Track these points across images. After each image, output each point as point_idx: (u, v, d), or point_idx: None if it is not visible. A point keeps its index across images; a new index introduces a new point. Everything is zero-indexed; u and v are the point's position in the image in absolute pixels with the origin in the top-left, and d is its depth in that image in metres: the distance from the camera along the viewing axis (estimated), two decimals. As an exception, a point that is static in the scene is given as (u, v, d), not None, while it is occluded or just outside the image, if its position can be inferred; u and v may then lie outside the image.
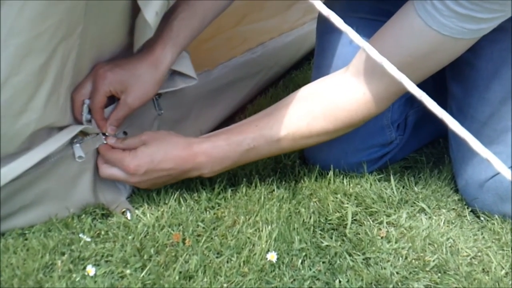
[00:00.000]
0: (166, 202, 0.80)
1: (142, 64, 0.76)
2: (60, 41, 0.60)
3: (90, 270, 0.67)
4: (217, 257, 0.71)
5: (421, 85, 0.43)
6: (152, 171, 0.77)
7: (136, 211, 0.79)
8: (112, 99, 0.78)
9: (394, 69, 0.40)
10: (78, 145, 0.75)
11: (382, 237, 0.77)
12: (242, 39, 1.40)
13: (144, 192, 0.82)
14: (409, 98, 0.93)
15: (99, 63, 0.76)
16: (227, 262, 0.70)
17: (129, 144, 0.78)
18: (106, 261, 0.70)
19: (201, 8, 0.80)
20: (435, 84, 0.88)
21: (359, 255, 0.73)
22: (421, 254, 0.74)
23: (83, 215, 0.77)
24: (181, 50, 0.79)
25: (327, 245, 0.74)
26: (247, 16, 1.44)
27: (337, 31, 0.89)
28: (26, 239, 0.73)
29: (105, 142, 0.78)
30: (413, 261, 0.73)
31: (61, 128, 0.72)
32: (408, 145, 0.96)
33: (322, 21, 0.94)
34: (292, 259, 0.71)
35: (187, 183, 0.84)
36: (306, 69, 1.36)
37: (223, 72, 1.07)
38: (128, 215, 0.79)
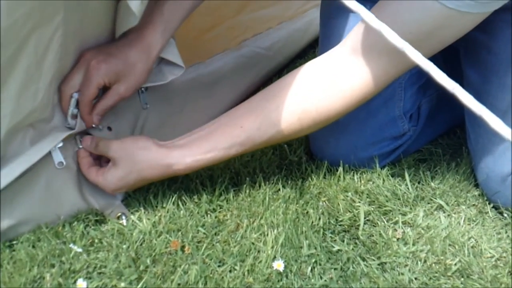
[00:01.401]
0: (164, 205, 0.75)
1: (134, 51, 0.71)
2: (31, 30, 0.55)
3: (81, 284, 0.62)
4: (219, 266, 0.65)
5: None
6: (131, 188, 0.75)
7: (132, 216, 0.73)
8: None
9: (395, 36, 0.33)
10: (57, 148, 0.70)
11: (398, 239, 0.71)
12: (244, 28, 1.35)
13: (141, 195, 0.77)
14: (422, 86, 0.87)
15: (86, 52, 0.71)
16: (230, 271, 0.64)
17: (101, 152, 0.72)
18: (99, 273, 0.64)
19: None
20: (449, 70, 0.81)
21: (374, 260, 0.67)
22: (441, 257, 0.68)
23: (75, 222, 0.72)
24: (171, 34, 0.74)
25: (338, 250, 0.68)
26: (248, 5, 1.38)
27: (343, 16, 0.83)
28: (13, 250, 0.67)
29: (80, 146, 0.73)
30: (433, 265, 0.67)
31: (40, 134, 0.67)
32: (422, 136, 0.89)
33: (326, 5, 0.88)
34: (300, 266, 0.65)
35: (186, 184, 0.79)
36: (310, 58, 1.29)
37: (218, 65, 1.01)
38: (124, 220, 0.73)
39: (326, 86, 0.70)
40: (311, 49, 1.33)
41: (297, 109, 0.70)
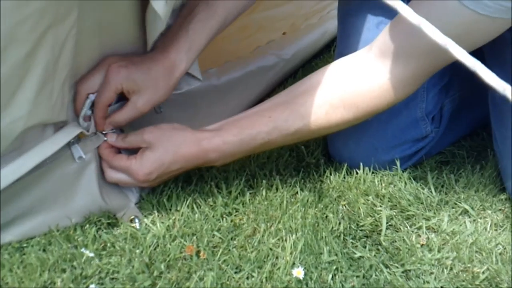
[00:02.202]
0: (178, 208, 0.72)
1: (157, 67, 0.69)
2: (46, 29, 0.53)
3: (93, 290, 0.60)
4: (236, 273, 0.62)
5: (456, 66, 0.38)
6: (163, 174, 0.70)
7: (145, 219, 0.71)
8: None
9: (437, 32, 0.31)
10: (76, 145, 0.68)
11: (422, 245, 0.68)
12: (257, 27, 1.33)
13: (154, 198, 0.74)
14: (444, 86, 0.84)
15: (110, 57, 0.69)
16: (247, 278, 0.62)
17: (131, 142, 0.70)
18: (112, 279, 0.62)
19: (221, 8, 0.72)
20: None
21: (397, 267, 0.64)
22: (469, 265, 0.65)
23: (87, 225, 0.69)
24: (196, 55, 0.72)
25: (360, 256, 0.65)
26: (261, 3, 1.36)
27: (361, 14, 0.80)
28: (24, 254, 0.65)
29: (105, 139, 0.71)
30: (460, 273, 0.64)
31: (57, 128, 0.65)
32: (444, 138, 0.86)
33: (345, 2, 0.85)
34: (321, 274, 0.62)
35: (201, 187, 0.76)
36: (327, 57, 1.27)
37: (233, 72, 0.99)
38: (137, 223, 0.71)
39: (355, 83, 0.70)
40: (327, 48, 1.30)
41: (325, 103, 0.70)
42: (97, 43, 0.67)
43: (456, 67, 0.68)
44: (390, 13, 0.78)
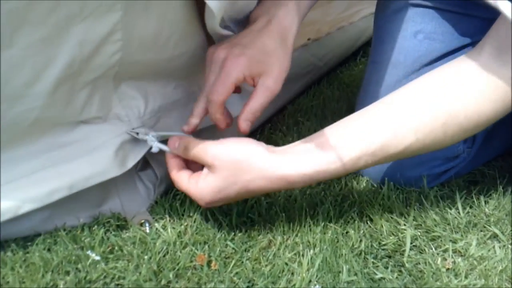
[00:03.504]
0: (191, 214, 0.69)
1: (270, 38, 0.63)
2: (70, 18, 0.50)
3: (97, 296, 0.56)
4: (248, 287, 0.59)
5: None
6: (230, 201, 0.63)
7: (156, 224, 0.68)
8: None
9: None
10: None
11: (448, 269, 0.63)
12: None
13: (167, 202, 0.71)
14: None
15: (214, 49, 0.63)
16: (260, 294, 0.58)
17: (194, 156, 0.61)
18: (117, 285, 0.59)
19: None
20: None
21: (421, 292, 0.60)
22: (498, 294, 0.60)
23: (95, 226, 0.67)
24: (304, 16, 0.65)
25: (381, 278, 0.61)
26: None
27: (399, 21, 0.76)
28: (27, 252, 0.62)
29: (167, 149, 0.64)
30: (489, 302, 0.59)
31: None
32: (476, 159, 0.81)
33: (382, 8, 0.81)
34: (339, 294, 0.58)
35: (216, 193, 0.73)
36: (352, 66, 1.23)
37: None
38: (147, 227, 0.68)
39: (475, 87, 0.60)
40: (353, 56, 1.26)
41: (443, 113, 0.60)
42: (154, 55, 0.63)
43: None
44: (431, 22, 0.75)
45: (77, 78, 0.58)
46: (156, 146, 0.64)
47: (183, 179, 0.62)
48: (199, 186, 0.60)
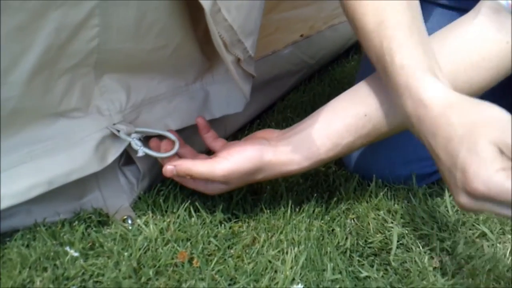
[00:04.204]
0: (174, 210, 0.68)
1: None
2: (45, 4, 0.49)
3: (74, 293, 0.55)
4: (229, 285, 0.57)
5: None
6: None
7: (138, 220, 0.66)
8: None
9: None
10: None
11: (435, 268, 0.62)
12: (274, 28, 1.29)
13: (150, 198, 0.70)
14: None
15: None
16: (242, 292, 0.56)
17: (203, 179, 0.63)
18: (95, 282, 0.57)
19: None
20: None
21: (406, 291, 0.59)
22: (485, 294, 0.59)
23: (76, 222, 0.65)
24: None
25: (366, 276, 0.60)
26: (280, 4, 1.32)
27: None
28: (5, 248, 0.61)
29: (154, 155, 0.65)
30: (475, 302, 0.58)
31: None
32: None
33: None
34: (322, 292, 0.57)
35: (201, 189, 0.72)
36: (344, 62, 1.22)
37: (263, 68, 0.94)
38: (129, 223, 0.66)
39: (468, 55, 0.58)
40: (345, 53, 1.25)
41: None
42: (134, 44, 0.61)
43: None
44: (432, 18, 0.72)
45: (54, 65, 0.56)
46: (142, 151, 0.63)
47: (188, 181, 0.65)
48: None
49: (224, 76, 0.75)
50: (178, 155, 0.67)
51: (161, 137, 0.67)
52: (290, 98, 1.03)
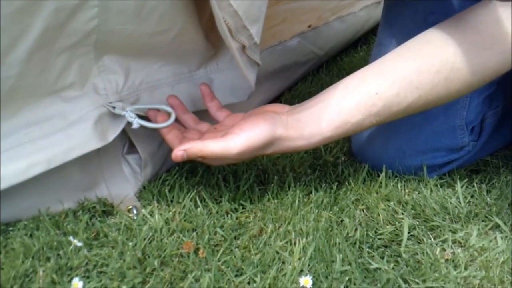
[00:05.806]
0: (180, 200, 0.66)
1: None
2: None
3: (77, 283, 0.54)
4: (236, 276, 0.56)
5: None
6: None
7: (143, 210, 0.65)
8: None
9: None
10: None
11: (447, 260, 0.60)
12: (281, 18, 1.28)
13: (155, 187, 0.69)
14: (489, 96, 0.73)
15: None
16: (248, 283, 0.55)
17: (217, 158, 0.62)
18: (99, 273, 0.56)
19: None
20: None
21: (418, 283, 0.57)
22: (499, 287, 0.57)
23: (80, 212, 0.64)
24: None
25: (376, 268, 0.58)
26: (287, -5, 1.31)
27: (410, 5, 0.72)
28: (8, 238, 0.60)
29: (149, 125, 0.63)
30: (489, 295, 0.57)
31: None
32: (481, 152, 0.78)
33: None
34: (331, 284, 0.55)
35: (207, 179, 0.70)
36: (353, 53, 1.20)
37: (270, 59, 0.92)
38: (134, 213, 0.65)
39: (481, 38, 0.58)
40: (354, 43, 1.23)
41: (445, 68, 0.59)
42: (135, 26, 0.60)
43: (503, 76, 0.60)
44: (443, 4, 0.70)
45: (53, 44, 0.55)
46: (137, 123, 0.61)
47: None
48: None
49: (229, 64, 0.73)
50: (179, 123, 0.66)
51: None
52: (297, 89, 1.01)
